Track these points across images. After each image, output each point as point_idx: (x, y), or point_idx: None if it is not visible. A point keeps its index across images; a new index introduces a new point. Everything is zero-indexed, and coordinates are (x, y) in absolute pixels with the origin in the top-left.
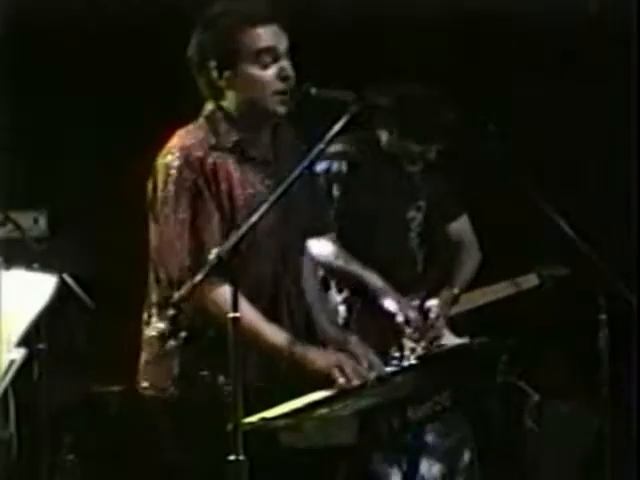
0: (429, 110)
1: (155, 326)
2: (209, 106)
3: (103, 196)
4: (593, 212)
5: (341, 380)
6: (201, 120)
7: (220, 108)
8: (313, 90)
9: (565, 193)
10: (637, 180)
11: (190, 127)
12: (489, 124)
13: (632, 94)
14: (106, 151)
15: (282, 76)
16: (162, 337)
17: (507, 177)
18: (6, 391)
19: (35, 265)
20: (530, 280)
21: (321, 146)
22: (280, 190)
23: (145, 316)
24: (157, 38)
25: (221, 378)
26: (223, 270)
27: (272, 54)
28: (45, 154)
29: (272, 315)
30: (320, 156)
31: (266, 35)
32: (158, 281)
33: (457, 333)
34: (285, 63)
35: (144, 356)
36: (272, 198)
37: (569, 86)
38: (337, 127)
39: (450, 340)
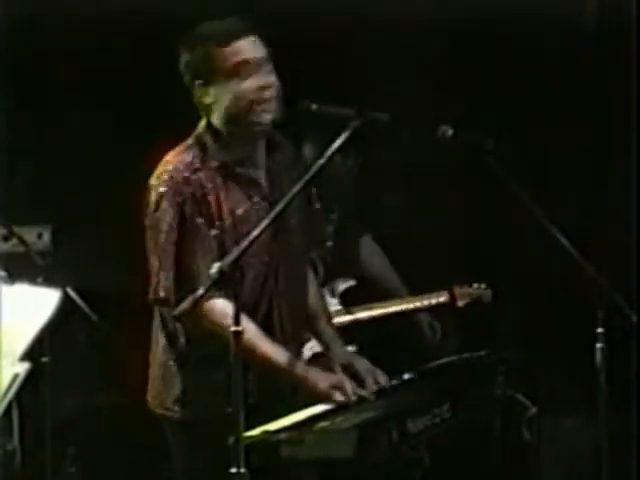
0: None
1: (160, 344)
2: (202, 123)
3: (106, 211)
4: (592, 226)
5: (341, 400)
6: (190, 140)
7: (210, 126)
8: (314, 106)
9: (564, 207)
10: (637, 193)
11: (180, 148)
12: (487, 141)
13: (632, 109)
14: (109, 166)
15: (262, 85)
16: (165, 354)
17: (506, 192)
18: (10, 405)
19: (39, 279)
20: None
21: (322, 162)
22: (281, 206)
23: (153, 332)
24: (158, 51)
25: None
26: (224, 284)
27: (250, 66)
28: (48, 169)
29: (265, 332)
30: (321, 172)
31: (242, 48)
32: None
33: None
34: (265, 72)
35: (151, 372)
36: (272, 214)
37: (567, 96)
38: (339, 142)
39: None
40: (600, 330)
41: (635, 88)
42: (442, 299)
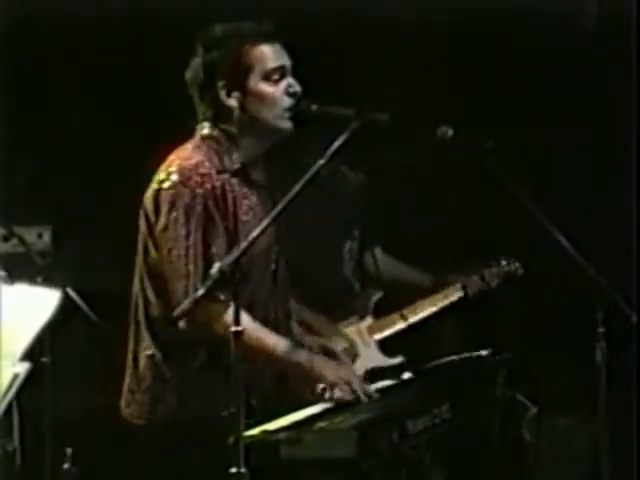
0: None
1: (146, 353)
2: (207, 124)
3: (106, 211)
4: (592, 226)
5: (348, 397)
6: (199, 141)
7: (219, 127)
8: (314, 107)
9: (564, 207)
10: (637, 193)
11: (189, 147)
12: (487, 141)
13: (632, 109)
14: (109, 166)
15: (290, 92)
16: (153, 362)
17: (506, 192)
18: (10, 405)
19: (39, 279)
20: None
21: (322, 162)
22: (280, 207)
23: (132, 342)
24: (158, 51)
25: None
26: (225, 284)
27: (280, 71)
28: (48, 169)
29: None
30: (320, 173)
31: (273, 53)
32: (147, 306)
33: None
34: (292, 80)
35: (130, 382)
36: (272, 215)
37: (567, 96)
38: (338, 143)
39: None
40: (600, 330)
41: (635, 88)
42: None
